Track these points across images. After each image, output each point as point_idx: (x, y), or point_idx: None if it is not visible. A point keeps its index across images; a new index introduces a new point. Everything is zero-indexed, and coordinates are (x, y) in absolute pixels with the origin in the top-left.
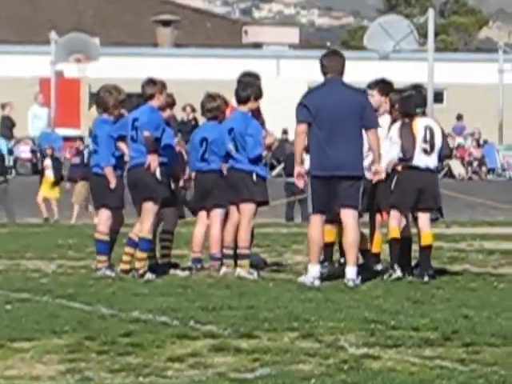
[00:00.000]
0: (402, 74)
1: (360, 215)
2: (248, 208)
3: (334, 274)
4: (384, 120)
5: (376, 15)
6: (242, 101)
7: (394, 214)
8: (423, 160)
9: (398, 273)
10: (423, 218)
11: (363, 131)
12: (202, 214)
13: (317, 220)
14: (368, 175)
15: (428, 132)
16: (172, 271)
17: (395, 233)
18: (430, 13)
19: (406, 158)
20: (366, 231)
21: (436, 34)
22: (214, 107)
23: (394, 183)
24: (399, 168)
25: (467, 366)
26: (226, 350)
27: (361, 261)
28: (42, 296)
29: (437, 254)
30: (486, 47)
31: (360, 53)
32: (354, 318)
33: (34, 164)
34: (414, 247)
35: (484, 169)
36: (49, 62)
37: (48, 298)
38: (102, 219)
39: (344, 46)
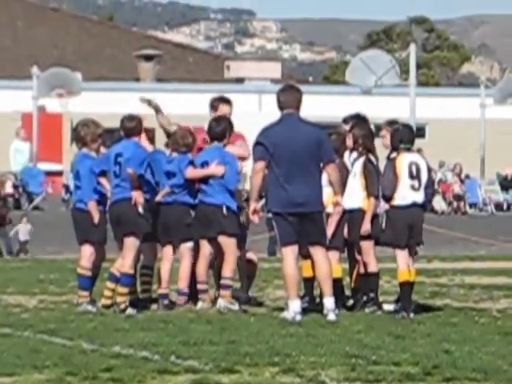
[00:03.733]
0: (384, 109)
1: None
2: (226, 240)
3: (314, 308)
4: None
5: (358, 50)
6: (217, 137)
7: (400, 254)
8: (412, 196)
9: (412, 315)
10: (409, 254)
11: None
12: (168, 248)
13: (288, 253)
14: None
15: (414, 168)
16: (153, 306)
17: (405, 275)
18: (412, 48)
19: (384, 195)
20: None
21: (418, 69)
22: (184, 143)
23: (384, 221)
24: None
25: None
26: None
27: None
28: (24, 331)
29: (418, 288)
30: (468, 82)
31: (342, 88)
32: (335, 352)
33: (16, 199)
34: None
35: (463, 204)
36: (31, 96)
37: (29, 333)
38: (86, 255)
39: (326, 80)
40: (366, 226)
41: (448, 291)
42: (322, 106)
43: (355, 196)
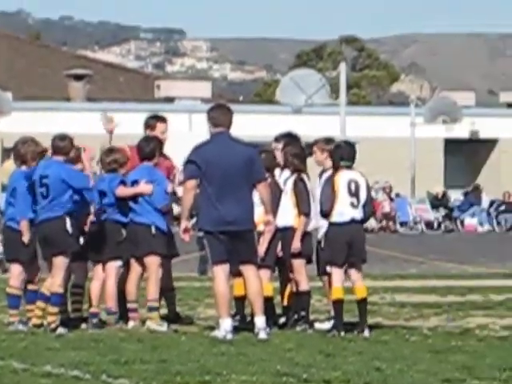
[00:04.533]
0: (315, 127)
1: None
2: (151, 261)
3: (246, 327)
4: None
5: (288, 69)
6: (146, 157)
7: (336, 271)
8: (351, 213)
9: (342, 333)
10: (356, 270)
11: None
12: (98, 267)
13: (219, 272)
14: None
15: (353, 185)
16: (83, 326)
17: (339, 293)
18: (342, 67)
19: (321, 210)
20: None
21: (349, 88)
22: (112, 160)
23: (323, 240)
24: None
25: None
26: None
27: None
28: None
29: (349, 307)
30: (399, 101)
31: (272, 107)
32: (267, 371)
33: None
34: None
35: (393, 222)
36: None
37: None
38: (14, 274)
39: (258, 98)
40: (296, 244)
41: (379, 309)
42: (252, 125)
43: (287, 214)
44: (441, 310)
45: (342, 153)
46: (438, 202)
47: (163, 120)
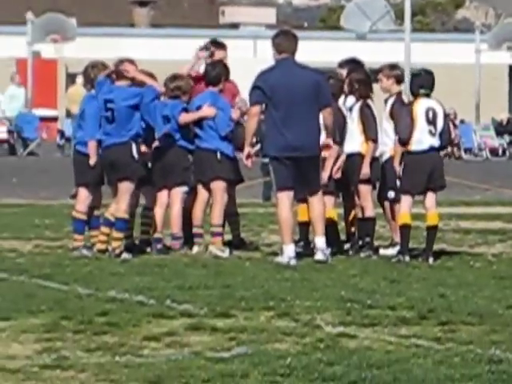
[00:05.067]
0: (379, 54)
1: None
2: (216, 186)
3: (309, 253)
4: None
5: None
6: (211, 82)
7: (406, 198)
8: (429, 141)
9: (407, 258)
10: (432, 197)
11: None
12: (163, 193)
13: (284, 198)
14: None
15: (431, 113)
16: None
17: (407, 218)
18: None
19: (400, 138)
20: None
21: (413, 15)
22: (175, 86)
23: (401, 168)
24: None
25: (443, 344)
26: (203, 329)
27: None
28: (19, 276)
29: (414, 233)
30: (463, 27)
31: (337, 33)
32: (330, 297)
33: (11, 145)
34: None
35: (457, 149)
36: (25, 42)
37: (24, 278)
38: (81, 198)
39: (322, 24)
40: (365, 170)
41: (443, 236)
42: (316, 51)
43: (354, 141)
44: (505, 237)
45: (421, 81)
46: (502, 128)
47: (222, 46)
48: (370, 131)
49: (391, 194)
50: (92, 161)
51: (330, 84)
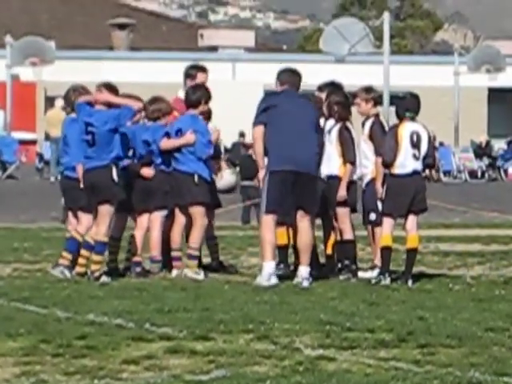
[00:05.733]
0: (358, 76)
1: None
2: (195, 210)
3: (289, 276)
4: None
5: (331, 18)
6: (192, 105)
7: (388, 221)
8: (413, 165)
9: (388, 281)
10: (413, 220)
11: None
12: (144, 216)
13: (269, 220)
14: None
15: (415, 137)
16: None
17: (388, 240)
18: (386, 15)
19: (384, 160)
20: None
21: (391, 37)
22: (155, 109)
23: (384, 190)
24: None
25: (422, 367)
26: (182, 352)
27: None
28: None
29: (393, 256)
30: (442, 50)
31: (316, 56)
32: (310, 319)
33: None
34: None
35: (436, 172)
36: (4, 65)
37: (3, 301)
38: (84, 222)
39: (300, 49)
40: (342, 192)
41: (422, 258)
42: None
43: (332, 163)
44: (484, 259)
45: (407, 104)
46: (481, 151)
47: (204, 70)
48: (349, 154)
49: (372, 216)
50: (82, 184)
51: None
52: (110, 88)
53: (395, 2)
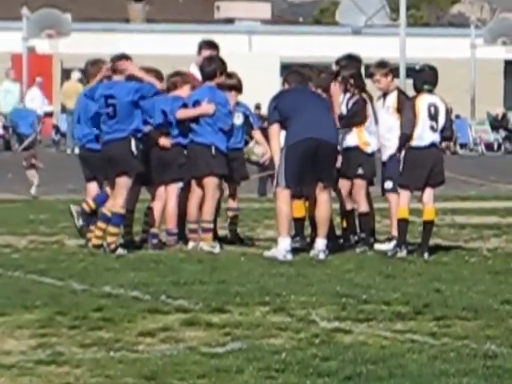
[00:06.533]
0: (375, 49)
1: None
2: (209, 182)
3: (305, 248)
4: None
5: None
6: (208, 77)
7: (405, 193)
8: (431, 137)
9: (404, 253)
10: (430, 193)
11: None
12: (161, 188)
13: (285, 194)
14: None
15: (433, 109)
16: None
17: (405, 213)
18: None
19: (403, 133)
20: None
21: (407, 9)
22: (174, 81)
23: (402, 162)
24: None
25: (438, 339)
26: (198, 325)
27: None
28: (14, 271)
29: (409, 228)
30: (459, 22)
31: (332, 28)
32: (326, 292)
33: (6, 140)
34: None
35: (453, 144)
36: (21, 37)
37: (19, 273)
38: (92, 193)
39: (316, 21)
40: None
41: (438, 231)
42: (312, 46)
43: (351, 135)
44: (500, 232)
45: (425, 76)
46: (497, 123)
47: (210, 45)
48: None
49: (389, 185)
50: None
51: (322, 78)
52: (127, 60)
53: None
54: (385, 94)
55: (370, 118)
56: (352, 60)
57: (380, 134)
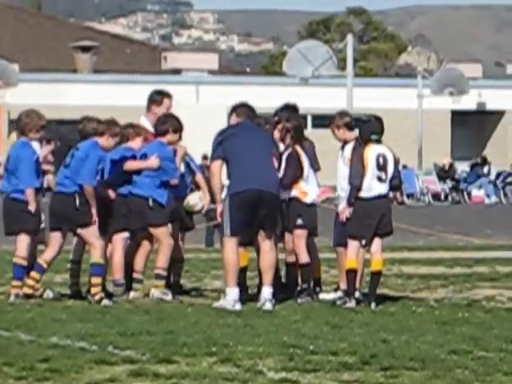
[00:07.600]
0: (322, 99)
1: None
2: (158, 231)
3: (249, 298)
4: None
5: (295, 41)
6: (160, 134)
7: (353, 244)
8: (378, 188)
9: (353, 303)
10: (378, 243)
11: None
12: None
13: (232, 243)
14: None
15: (381, 160)
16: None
17: (353, 263)
18: (349, 38)
19: (352, 184)
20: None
21: (355, 61)
22: (126, 132)
23: (352, 214)
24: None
25: None
26: (145, 375)
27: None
28: None
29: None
30: (406, 73)
31: (279, 78)
32: (273, 342)
33: None
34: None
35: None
36: None
37: None
38: (22, 245)
39: (264, 70)
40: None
41: (386, 281)
42: (259, 96)
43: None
44: (447, 282)
45: (372, 127)
46: (444, 173)
47: (169, 96)
48: (286, 178)
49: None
50: (32, 208)
51: (266, 129)
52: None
53: (359, 26)
54: (344, 145)
55: (307, 167)
56: (293, 111)
57: (338, 183)
